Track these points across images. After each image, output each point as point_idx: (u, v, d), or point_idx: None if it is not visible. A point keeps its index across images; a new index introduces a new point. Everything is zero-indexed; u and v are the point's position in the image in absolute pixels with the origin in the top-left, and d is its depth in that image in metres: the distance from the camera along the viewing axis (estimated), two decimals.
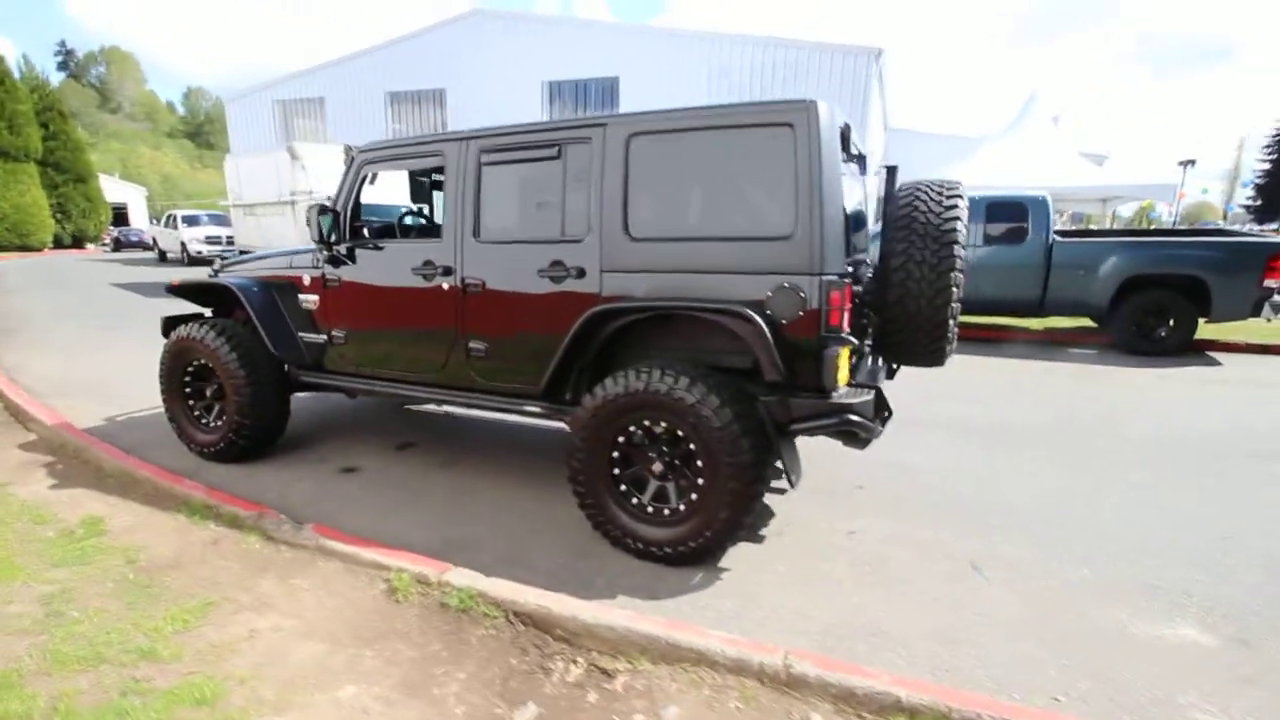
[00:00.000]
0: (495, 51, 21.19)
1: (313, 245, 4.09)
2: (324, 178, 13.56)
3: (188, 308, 4.56)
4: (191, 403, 4.35)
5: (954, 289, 2.96)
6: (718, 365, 2.96)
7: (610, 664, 2.25)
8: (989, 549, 3.15)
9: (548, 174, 3.23)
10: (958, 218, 2.95)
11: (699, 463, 2.84)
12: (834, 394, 2.75)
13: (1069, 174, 16.24)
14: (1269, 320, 7.39)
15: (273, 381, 4.14)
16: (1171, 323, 7.46)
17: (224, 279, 4.22)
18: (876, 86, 18.12)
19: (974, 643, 2.43)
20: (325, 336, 4.00)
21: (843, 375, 2.75)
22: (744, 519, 2.82)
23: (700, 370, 2.85)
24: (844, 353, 2.72)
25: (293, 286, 4.10)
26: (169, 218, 22.58)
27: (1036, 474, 4.14)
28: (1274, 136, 37.56)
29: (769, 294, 2.73)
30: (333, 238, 3.77)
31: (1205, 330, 7.70)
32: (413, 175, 4.78)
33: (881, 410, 2.99)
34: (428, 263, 3.51)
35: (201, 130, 75.93)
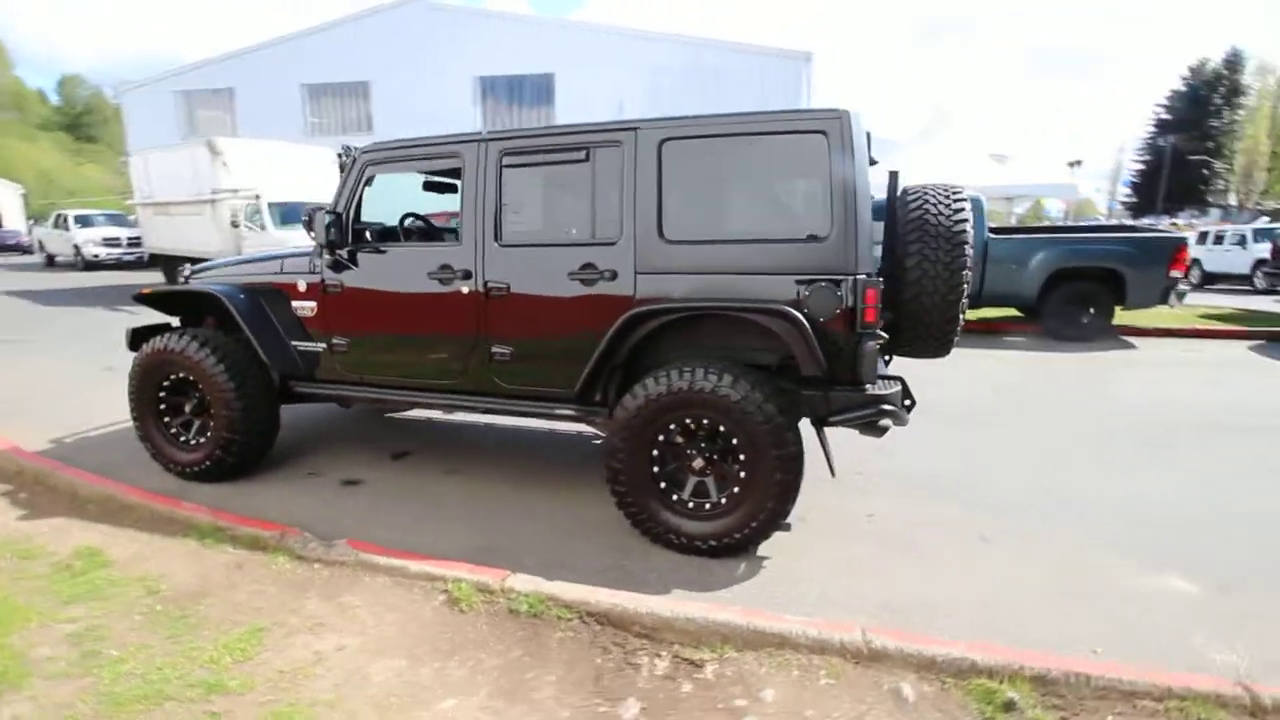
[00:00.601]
0: (423, 44, 20.52)
1: (293, 249, 3.94)
2: (249, 175, 12.78)
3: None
4: (167, 419, 4.06)
5: (965, 286, 3.20)
6: (747, 363, 3.07)
7: (695, 654, 2.32)
8: (996, 523, 3.42)
9: (575, 177, 3.24)
10: (966, 219, 3.19)
11: (741, 456, 2.95)
12: (869, 386, 2.93)
13: (978, 174, 17.48)
14: (1172, 306, 8.29)
15: (263, 394, 3.93)
16: (1093, 311, 8.23)
17: (208, 286, 3.95)
18: (805, 90, 18.84)
19: (1010, 607, 2.66)
20: (323, 345, 3.83)
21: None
22: (789, 508, 2.95)
23: (740, 368, 2.95)
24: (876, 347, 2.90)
25: (283, 293, 3.90)
26: (58, 218, 20.55)
27: (1013, 452, 4.51)
28: (1145, 140, 41.75)
29: (806, 293, 2.86)
30: (333, 240, 3.61)
31: (1119, 317, 8.54)
32: None
33: (905, 398, 3.19)
34: (445, 266, 3.44)
35: (80, 122, 68.96)
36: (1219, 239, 16.83)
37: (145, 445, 4.07)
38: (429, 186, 4.31)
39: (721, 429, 2.96)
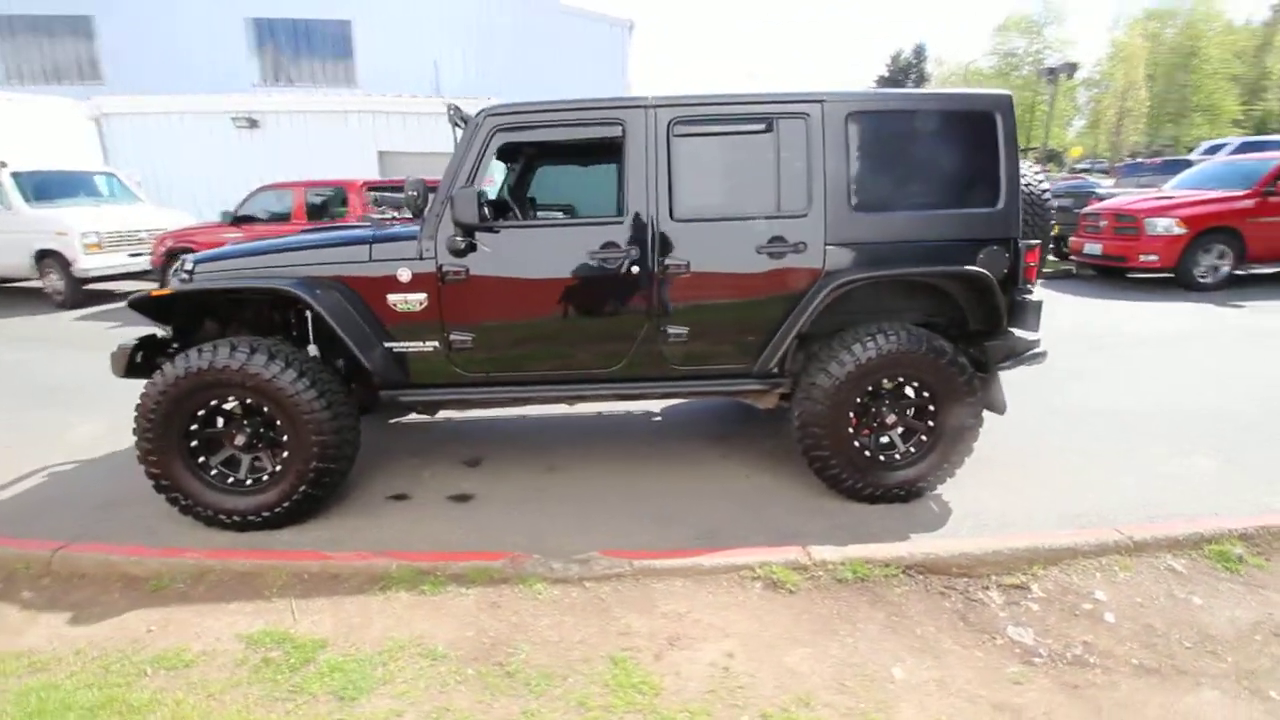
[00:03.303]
0: None
1: (377, 229, 3.33)
2: (20, 140, 9.66)
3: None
4: (202, 459, 3.16)
5: (1050, 241, 3.85)
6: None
7: (1012, 580, 2.63)
8: (1051, 439, 4.16)
9: (756, 148, 3.18)
10: (1048, 189, 3.83)
11: (932, 408, 3.28)
12: (1029, 335, 3.42)
13: None
14: None
15: (352, 410, 3.26)
16: None
17: (275, 282, 3.08)
18: (625, 57, 19.16)
19: (1144, 494, 3.34)
20: (433, 344, 3.27)
21: None
22: (972, 448, 3.36)
23: (923, 328, 3.25)
24: None
25: (364, 287, 3.22)
26: None
27: None
28: None
29: (981, 256, 3.24)
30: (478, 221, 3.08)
31: None
32: None
33: None
34: (609, 244, 3.16)
35: None
36: None
37: (171, 498, 3.13)
38: (502, 155, 3.79)
39: (915, 384, 3.26)
